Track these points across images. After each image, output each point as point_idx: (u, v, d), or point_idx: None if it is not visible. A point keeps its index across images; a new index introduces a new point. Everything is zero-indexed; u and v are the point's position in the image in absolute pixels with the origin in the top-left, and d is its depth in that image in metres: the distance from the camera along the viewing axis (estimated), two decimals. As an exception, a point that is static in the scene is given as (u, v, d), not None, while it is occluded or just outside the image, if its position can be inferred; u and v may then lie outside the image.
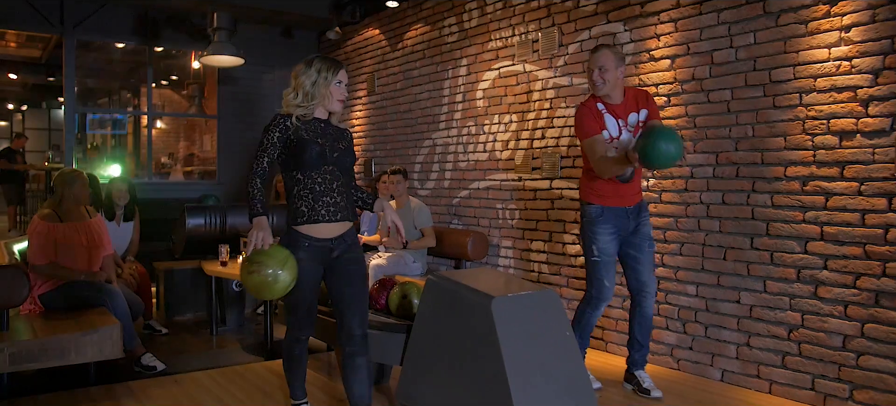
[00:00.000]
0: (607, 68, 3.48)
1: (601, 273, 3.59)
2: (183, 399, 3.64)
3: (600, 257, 3.58)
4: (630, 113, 3.54)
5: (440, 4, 6.08)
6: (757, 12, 3.72)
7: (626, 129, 3.53)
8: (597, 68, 3.50)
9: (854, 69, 3.34)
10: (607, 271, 3.59)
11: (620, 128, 3.52)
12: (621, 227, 3.58)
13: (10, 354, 3.48)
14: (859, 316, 3.32)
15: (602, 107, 3.54)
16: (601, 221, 3.56)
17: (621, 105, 3.55)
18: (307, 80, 2.77)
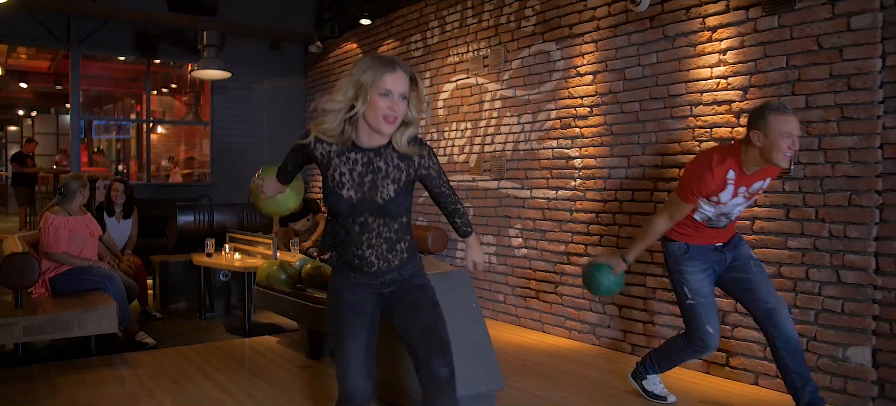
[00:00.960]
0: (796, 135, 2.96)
1: (700, 317, 3.23)
2: (169, 366, 4.29)
3: (695, 299, 3.23)
4: (757, 180, 3.12)
5: (407, 22, 6.73)
6: (658, 36, 4.35)
7: (744, 194, 3.13)
8: (790, 136, 2.93)
9: (729, 86, 3.96)
10: (707, 315, 3.23)
11: (736, 193, 3.11)
12: (713, 261, 3.24)
13: (24, 327, 4.15)
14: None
15: (733, 175, 3.07)
16: (687, 259, 3.24)
17: (753, 175, 3.10)
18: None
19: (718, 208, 3.13)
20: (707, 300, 3.22)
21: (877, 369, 3.37)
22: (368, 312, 2.30)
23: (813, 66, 3.58)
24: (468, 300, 3.45)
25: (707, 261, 3.22)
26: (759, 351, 3.81)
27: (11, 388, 3.87)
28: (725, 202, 3.11)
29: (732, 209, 3.16)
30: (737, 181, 3.07)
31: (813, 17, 3.57)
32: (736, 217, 3.24)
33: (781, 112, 2.93)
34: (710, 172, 3.03)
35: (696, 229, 3.22)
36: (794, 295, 3.65)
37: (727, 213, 3.16)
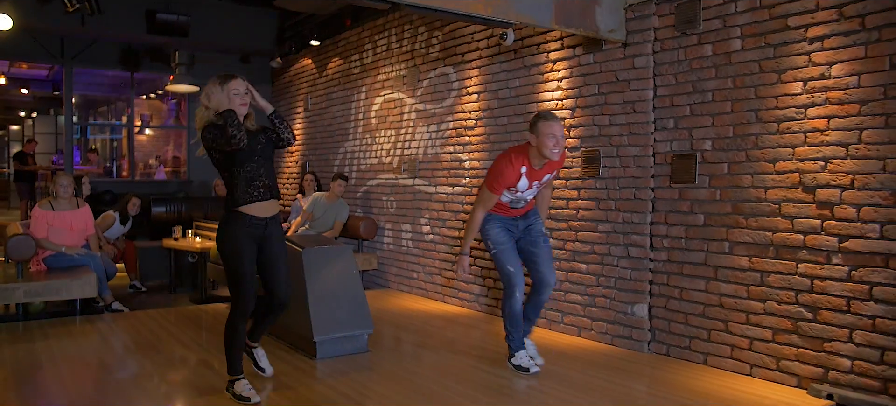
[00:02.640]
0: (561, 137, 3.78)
1: (502, 260, 3.99)
2: (139, 326, 5.48)
3: (496, 248, 3.99)
4: (545, 174, 3.95)
5: (349, 43, 7.92)
6: (519, 65, 5.54)
7: (536, 184, 3.96)
8: (553, 137, 3.73)
9: (564, 106, 5.14)
10: (508, 257, 3.99)
11: (531, 185, 3.94)
12: (508, 223, 4.04)
13: (24, 291, 5.37)
14: (566, 268, 5.12)
15: (525, 169, 3.85)
16: (488, 220, 4.03)
17: (541, 169, 3.92)
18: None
19: (516, 195, 3.98)
20: (506, 246, 4.01)
21: (651, 320, 4.56)
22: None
23: (613, 93, 4.76)
24: (350, 270, 4.64)
25: (504, 223, 4.06)
26: (580, 310, 5.01)
27: (13, 336, 5.07)
28: (522, 191, 3.96)
29: (527, 195, 4.01)
30: (529, 174, 3.91)
31: (613, 57, 4.76)
32: (530, 199, 4.11)
33: (547, 119, 3.78)
34: (510, 167, 3.85)
35: (501, 208, 4.07)
36: (601, 266, 4.85)
37: (523, 197, 4.17)
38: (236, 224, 3.44)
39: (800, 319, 3.76)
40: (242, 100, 3.46)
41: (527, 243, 4.12)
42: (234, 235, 3.46)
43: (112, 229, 6.98)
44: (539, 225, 4.17)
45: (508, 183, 3.90)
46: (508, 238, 4.06)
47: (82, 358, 4.62)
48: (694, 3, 4.26)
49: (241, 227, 3.44)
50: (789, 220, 3.81)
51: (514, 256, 4.05)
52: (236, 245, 3.46)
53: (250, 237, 3.47)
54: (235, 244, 3.46)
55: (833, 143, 3.63)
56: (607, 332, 4.80)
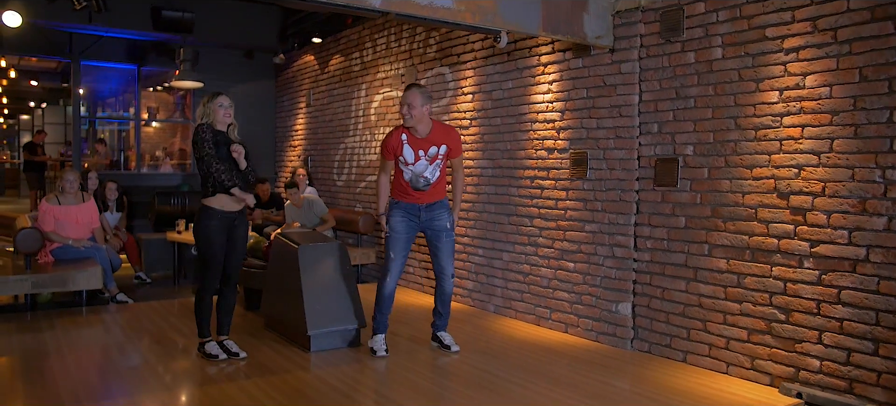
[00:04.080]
0: (414, 105, 4.19)
1: (387, 244, 4.47)
2: (142, 317, 5.67)
3: (390, 234, 4.47)
4: (431, 146, 4.30)
5: (350, 41, 8.07)
6: (512, 68, 5.67)
7: (425, 158, 4.29)
8: (406, 104, 4.22)
9: (553, 109, 5.28)
10: (392, 244, 4.44)
11: (418, 156, 4.29)
12: (411, 213, 4.42)
13: (32, 282, 5.57)
14: (554, 266, 5.27)
15: (405, 137, 4.31)
16: (393, 207, 4.50)
17: (425, 139, 4.28)
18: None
19: (410, 169, 4.33)
20: (397, 235, 4.44)
21: (634, 319, 4.71)
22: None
23: (601, 97, 4.90)
24: (344, 263, 4.81)
25: (407, 212, 4.43)
26: (567, 307, 5.16)
27: (22, 325, 5.28)
28: (411, 163, 4.32)
29: (423, 170, 4.32)
30: (411, 143, 4.29)
31: (600, 62, 4.89)
32: (433, 181, 4.36)
33: (406, 88, 4.30)
34: (390, 135, 4.37)
35: (404, 191, 4.41)
36: (588, 265, 5.00)
37: (420, 173, 4.33)
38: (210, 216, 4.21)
39: (773, 320, 3.90)
40: (227, 112, 4.24)
41: (431, 236, 4.50)
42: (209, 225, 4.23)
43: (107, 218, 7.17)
44: (444, 220, 4.48)
45: (392, 148, 4.36)
46: (405, 229, 4.44)
47: (87, 348, 4.82)
48: (678, 12, 4.39)
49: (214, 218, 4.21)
50: (765, 225, 3.95)
51: (400, 246, 4.44)
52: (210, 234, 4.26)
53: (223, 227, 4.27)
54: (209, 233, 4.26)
55: (806, 152, 3.76)
56: (593, 329, 4.96)
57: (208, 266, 4.26)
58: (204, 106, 4.24)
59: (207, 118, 4.20)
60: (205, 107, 4.23)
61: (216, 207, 4.19)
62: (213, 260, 4.24)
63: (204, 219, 4.20)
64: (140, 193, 8.68)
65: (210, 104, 4.22)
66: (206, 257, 4.25)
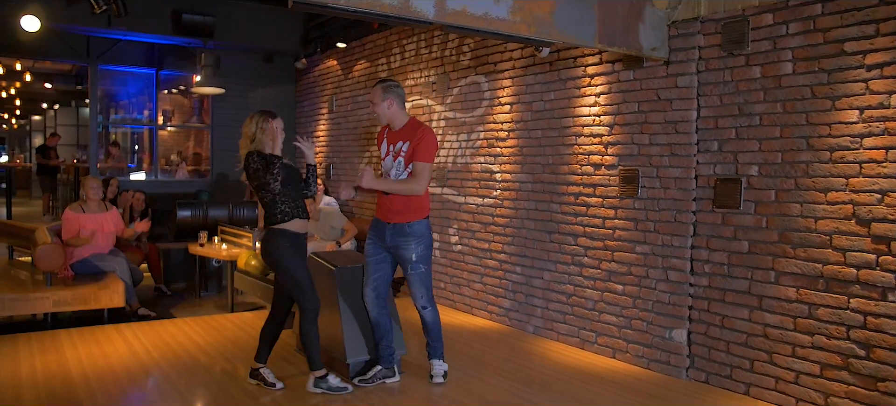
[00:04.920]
0: (375, 101, 4.10)
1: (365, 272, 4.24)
2: (164, 334, 5.45)
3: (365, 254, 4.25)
4: (399, 140, 4.10)
5: (376, 47, 7.82)
6: (554, 78, 5.42)
7: (392, 152, 4.12)
8: (370, 102, 4.20)
9: (601, 123, 5.02)
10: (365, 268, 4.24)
11: (388, 150, 4.16)
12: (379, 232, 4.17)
13: (53, 300, 5.34)
14: (601, 288, 5.02)
15: (387, 132, 4.23)
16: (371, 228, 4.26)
17: (397, 132, 4.14)
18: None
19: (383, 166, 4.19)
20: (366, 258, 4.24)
21: (690, 346, 4.46)
22: None
23: (654, 112, 4.64)
24: (383, 287, 4.56)
25: (375, 230, 4.20)
26: (615, 331, 4.91)
27: (43, 345, 5.05)
28: (383, 157, 4.18)
29: (389, 168, 4.12)
30: (389, 137, 4.16)
31: (654, 75, 4.63)
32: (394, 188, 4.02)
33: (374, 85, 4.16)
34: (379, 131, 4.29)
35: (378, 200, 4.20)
36: (638, 288, 4.74)
37: (387, 170, 4.14)
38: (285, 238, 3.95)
39: (851, 356, 3.64)
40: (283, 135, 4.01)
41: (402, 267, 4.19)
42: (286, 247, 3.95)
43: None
44: (409, 250, 4.10)
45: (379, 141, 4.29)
46: (372, 250, 4.21)
47: (111, 369, 4.58)
48: (742, 23, 4.13)
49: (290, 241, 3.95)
50: (841, 253, 3.68)
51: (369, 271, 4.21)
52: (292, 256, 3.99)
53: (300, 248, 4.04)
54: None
55: (891, 176, 3.50)
56: (643, 356, 4.70)
57: (304, 288, 3.96)
58: (258, 126, 3.95)
59: (261, 142, 3.94)
60: (258, 127, 3.95)
61: (291, 230, 3.98)
62: (307, 280, 3.98)
63: (283, 243, 3.95)
64: (157, 201, 8.48)
65: (265, 124, 3.96)
66: (299, 280, 3.96)
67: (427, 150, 4.06)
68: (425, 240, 4.13)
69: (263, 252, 4.02)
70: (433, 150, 4.10)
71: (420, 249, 4.10)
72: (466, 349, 5.17)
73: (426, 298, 4.18)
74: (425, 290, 4.16)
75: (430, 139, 4.06)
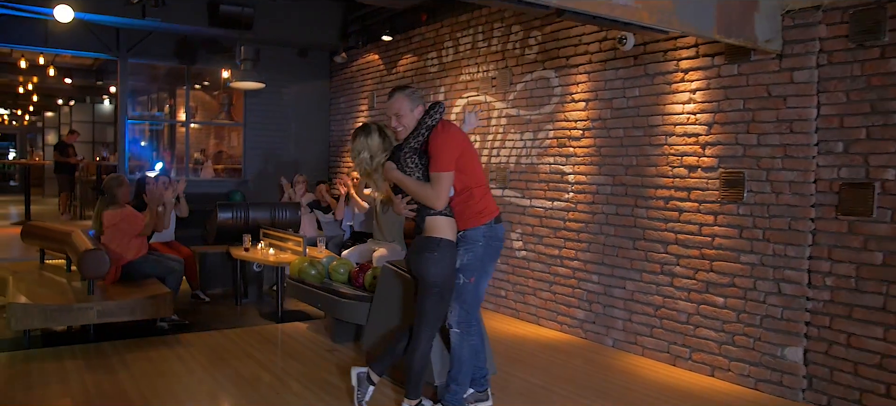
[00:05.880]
0: (403, 113, 3.45)
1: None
2: (216, 347, 5.06)
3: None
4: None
5: (425, 40, 7.42)
6: (640, 73, 5.02)
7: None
8: (393, 115, 3.47)
9: (697, 121, 4.63)
10: None
11: None
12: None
13: (97, 311, 4.95)
14: (697, 299, 4.63)
15: None
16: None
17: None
18: None
19: None
20: None
21: (807, 366, 4.06)
22: None
23: (763, 110, 4.24)
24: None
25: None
26: (715, 348, 4.51)
27: (90, 361, 4.66)
28: None
29: None
30: None
31: (764, 69, 4.23)
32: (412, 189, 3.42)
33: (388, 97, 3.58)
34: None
35: None
36: (744, 301, 4.35)
37: None
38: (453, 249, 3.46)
39: None
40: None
41: None
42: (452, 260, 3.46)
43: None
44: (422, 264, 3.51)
45: None
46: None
47: (171, 391, 4.19)
48: (877, 12, 3.73)
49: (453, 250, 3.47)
50: None
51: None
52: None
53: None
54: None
55: None
56: (750, 375, 4.31)
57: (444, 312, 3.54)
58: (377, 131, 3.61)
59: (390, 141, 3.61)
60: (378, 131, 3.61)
61: (450, 238, 3.45)
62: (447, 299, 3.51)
63: (448, 253, 3.42)
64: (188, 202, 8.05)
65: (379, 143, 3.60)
66: (445, 296, 3.47)
67: (439, 158, 3.34)
68: (474, 248, 3.50)
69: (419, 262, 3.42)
70: (446, 153, 3.36)
71: (466, 258, 3.49)
72: (535, 361, 4.81)
73: (458, 317, 3.53)
74: (458, 306, 3.52)
75: (439, 142, 3.36)
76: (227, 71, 10.27)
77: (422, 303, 3.48)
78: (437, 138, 3.42)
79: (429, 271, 3.37)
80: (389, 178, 3.49)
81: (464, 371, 3.57)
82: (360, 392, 3.66)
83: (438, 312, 3.50)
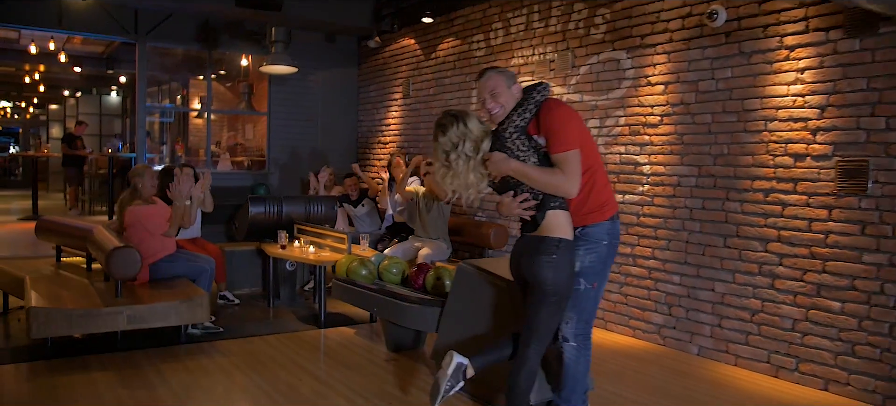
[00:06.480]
0: (499, 92, 3.00)
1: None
2: (260, 355, 4.55)
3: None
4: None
5: (470, 22, 6.89)
6: (733, 51, 4.50)
7: None
8: (489, 94, 3.01)
9: (806, 104, 4.11)
10: None
11: None
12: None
13: (128, 316, 4.42)
14: (805, 304, 4.12)
15: None
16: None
17: None
18: None
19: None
20: None
21: (948, 381, 3.57)
22: None
23: (894, 90, 3.73)
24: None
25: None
26: (829, 358, 4.01)
27: (121, 373, 4.15)
28: None
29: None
30: None
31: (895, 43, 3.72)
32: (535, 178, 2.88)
33: (480, 77, 3.09)
34: None
35: None
36: (868, 307, 3.84)
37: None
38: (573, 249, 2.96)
39: None
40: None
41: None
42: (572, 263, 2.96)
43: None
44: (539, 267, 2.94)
45: None
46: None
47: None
48: None
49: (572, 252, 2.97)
50: None
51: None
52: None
53: None
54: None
55: None
56: (876, 391, 3.80)
57: (555, 324, 2.99)
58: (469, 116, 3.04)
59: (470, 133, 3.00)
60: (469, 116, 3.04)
61: (569, 238, 2.93)
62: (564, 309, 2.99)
63: (568, 256, 2.90)
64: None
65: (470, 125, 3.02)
66: (563, 305, 2.94)
67: (563, 133, 2.85)
68: (598, 249, 2.99)
69: (535, 266, 2.88)
70: (572, 127, 2.89)
71: (588, 260, 2.98)
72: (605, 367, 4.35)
73: (574, 328, 3.02)
74: (576, 315, 3.01)
75: (560, 116, 2.89)
76: (246, 59, 9.75)
77: (535, 313, 2.91)
78: (554, 112, 2.90)
79: (547, 277, 2.84)
80: (503, 170, 2.90)
81: (578, 391, 3.05)
82: (450, 381, 3.00)
83: (552, 324, 2.96)
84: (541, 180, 2.85)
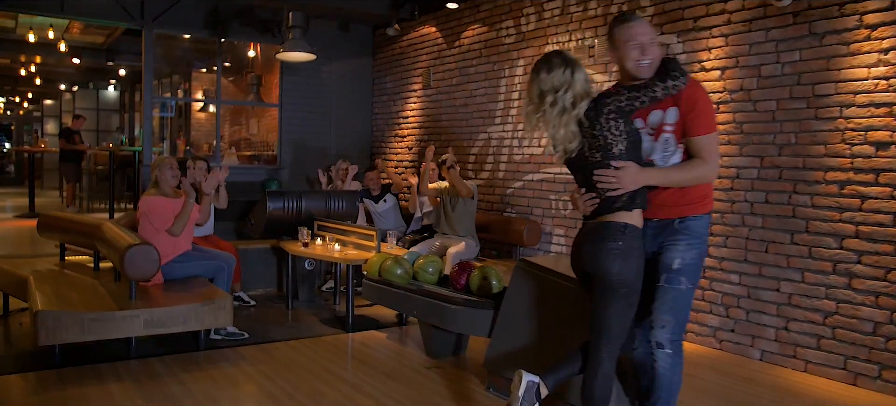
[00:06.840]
0: (649, 44, 2.58)
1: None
2: (289, 363, 4.18)
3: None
4: (656, 109, 2.64)
5: (498, 7, 6.53)
6: (802, 32, 4.16)
7: (646, 128, 2.68)
8: (636, 45, 2.56)
9: (891, 88, 3.77)
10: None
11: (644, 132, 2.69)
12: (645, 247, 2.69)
13: (145, 320, 4.04)
14: (889, 305, 3.78)
15: None
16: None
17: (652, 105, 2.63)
18: None
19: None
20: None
21: None
22: None
23: None
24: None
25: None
26: (917, 365, 3.67)
27: (139, 380, 3.78)
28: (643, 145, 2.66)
29: (648, 152, 2.65)
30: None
31: None
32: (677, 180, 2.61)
33: (624, 21, 2.64)
34: None
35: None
36: (963, 309, 3.51)
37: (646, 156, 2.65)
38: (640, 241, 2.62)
39: None
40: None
41: (650, 273, 2.65)
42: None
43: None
44: (670, 254, 2.64)
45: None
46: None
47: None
48: None
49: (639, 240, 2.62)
50: None
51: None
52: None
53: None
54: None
55: None
56: (974, 402, 3.47)
57: (628, 324, 2.64)
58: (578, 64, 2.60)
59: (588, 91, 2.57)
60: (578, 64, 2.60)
61: (635, 223, 2.58)
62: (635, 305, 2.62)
63: (635, 244, 2.55)
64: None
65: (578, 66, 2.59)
66: (634, 300, 2.58)
67: (708, 115, 2.60)
68: (700, 245, 2.66)
69: (600, 255, 2.54)
70: (712, 109, 2.67)
71: (689, 256, 2.63)
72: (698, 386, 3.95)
73: (671, 334, 2.65)
74: (673, 319, 2.64)
75: (704, 96, 2.63)
76: (255, 50, 9.37)
77: (604, 311, 2.58)
78: (700, 90, 2.64)
79: (612, 268, 2.50)
80: (640, 182, 2.52)
81: (672, 403, 2.70)
82: (523, 404, 2.67)
83: (624, 322, 2.61)
84: (685, 180, 2.59)
